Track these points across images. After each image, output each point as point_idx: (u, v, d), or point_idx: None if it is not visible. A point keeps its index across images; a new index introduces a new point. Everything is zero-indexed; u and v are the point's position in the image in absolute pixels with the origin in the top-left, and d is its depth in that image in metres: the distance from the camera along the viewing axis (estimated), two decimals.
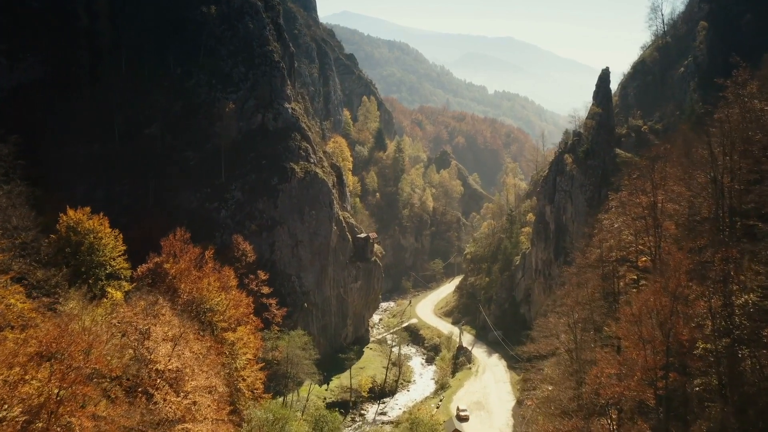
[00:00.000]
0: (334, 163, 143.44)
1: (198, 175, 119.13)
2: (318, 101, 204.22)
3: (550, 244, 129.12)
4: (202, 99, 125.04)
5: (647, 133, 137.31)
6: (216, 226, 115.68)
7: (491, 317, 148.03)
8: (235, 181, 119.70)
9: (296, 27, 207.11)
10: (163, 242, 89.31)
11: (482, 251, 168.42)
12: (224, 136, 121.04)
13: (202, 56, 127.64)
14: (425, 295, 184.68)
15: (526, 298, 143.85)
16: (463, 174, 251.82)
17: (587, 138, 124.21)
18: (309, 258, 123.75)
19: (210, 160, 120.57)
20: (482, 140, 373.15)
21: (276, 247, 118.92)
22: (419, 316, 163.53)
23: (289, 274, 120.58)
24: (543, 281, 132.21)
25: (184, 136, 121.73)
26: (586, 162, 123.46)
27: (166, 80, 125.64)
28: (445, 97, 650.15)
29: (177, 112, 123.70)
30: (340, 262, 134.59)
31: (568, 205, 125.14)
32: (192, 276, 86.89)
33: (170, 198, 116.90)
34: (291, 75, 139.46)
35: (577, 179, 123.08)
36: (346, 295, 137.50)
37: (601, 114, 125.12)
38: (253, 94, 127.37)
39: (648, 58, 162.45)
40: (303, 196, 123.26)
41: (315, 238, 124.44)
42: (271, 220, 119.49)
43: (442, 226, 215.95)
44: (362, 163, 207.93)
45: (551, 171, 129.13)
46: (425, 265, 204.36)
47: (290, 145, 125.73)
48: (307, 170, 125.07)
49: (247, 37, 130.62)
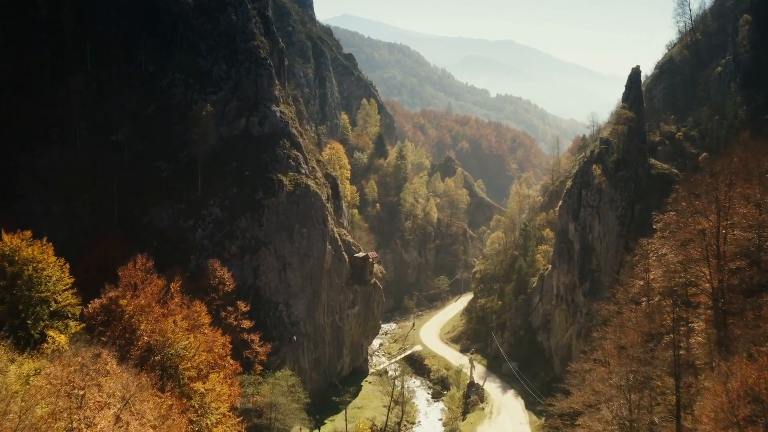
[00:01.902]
0: (328, 173, 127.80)
1: (171, 189, 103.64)
2: (313, 104, 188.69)
3: (574, 267, 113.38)
4: (177, 100, 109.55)
5: (682, 140, 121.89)
6: (191, 248, 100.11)
7: (505, 345, 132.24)
8: (213, 196, 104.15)
9: (290, 23, 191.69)
10: (122, 271, 74.49)
11: (493, 269, 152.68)
12: (202, 143, 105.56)
13: (178, 52, 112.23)
14: (430, 316, 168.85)
15: (544, 325, 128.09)
16: (469, 182, 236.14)
17: (617, 146, 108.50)
18: (299, 283, 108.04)
19: (185, 171, 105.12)
20: (487, 145, 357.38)
21: (260, 272, 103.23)
22: (424, 341, 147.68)
23: (276, 302, 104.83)
24: (566, 308, 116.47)
25: (155, 144, 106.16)
26: (616, 174, 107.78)
27: (137, 79, 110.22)
28: (446, 100, 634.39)
29: (148, 115, 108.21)
30: (336, 285, 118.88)
31: (595, 223, 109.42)
32: (154, 313, 72.13)
33: (138, 215, 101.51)
34: (280, 74, 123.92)
35: (606, 193, 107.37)
36: (342, 323, 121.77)
37: (633, 119, 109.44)
38: (236, 95, 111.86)
39: (677, 57, 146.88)
40: (292, 213, 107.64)
41: (306, 260, 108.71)
42: (255, 240, 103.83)
43: (447, 238, 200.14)
44: (361, 171, 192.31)
45: (575, 184, 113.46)
46: (429, 282, 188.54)
47: (278, 153, 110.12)
48: (298, 182, 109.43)
49: (230, 31, 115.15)
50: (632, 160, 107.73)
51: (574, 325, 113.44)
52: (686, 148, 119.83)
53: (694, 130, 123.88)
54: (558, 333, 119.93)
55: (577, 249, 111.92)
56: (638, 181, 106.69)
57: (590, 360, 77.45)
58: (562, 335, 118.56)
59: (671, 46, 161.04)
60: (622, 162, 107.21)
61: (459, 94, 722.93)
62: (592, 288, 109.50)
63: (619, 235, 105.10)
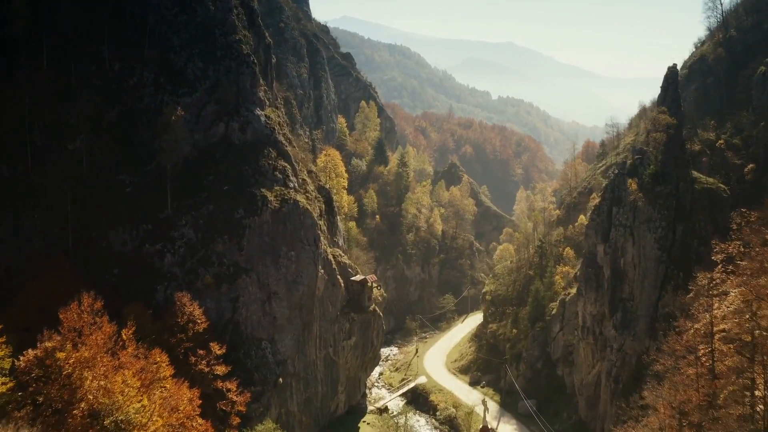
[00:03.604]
0: (321, 185, 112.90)
1: (135, 206, 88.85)
2: (307, 107, 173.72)
3: (603, 296, 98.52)
4: (145, 103, 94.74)
5: (723, 149, 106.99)
6: (157, 277, 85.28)
7: (520, 379, 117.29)
8: (185, 215, 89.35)
9: (282, 19, 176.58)
10: (63, 314, 59.79)
11: (505, 291, 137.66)
12: (173, 152, 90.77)
13: (147, 47, 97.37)
14: (434, 340, 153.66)
15: (565, 357, 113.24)
16: (475, 190, 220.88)
17: (655, 156, 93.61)
18: (286, 315, 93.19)
19: (152, 186, 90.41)
20: (491, 149, 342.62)
21: (240, 304, 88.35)
22: (428, 371, 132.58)
23: (259, 338, 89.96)
24: (592, 342, 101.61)
25: (118, 153, 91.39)
26: (653, 189, 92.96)
27: (100, 78, 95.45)
28: (448, 102, 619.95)
29: (111, 120, 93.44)
30: (329, 314, 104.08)
31: (628, 246, 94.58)
32: (102, 367, 57.57)
33: (96, 237, 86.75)
34: (267, 73, 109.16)
35: (642, 212, 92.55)
36: (337, 356, 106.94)
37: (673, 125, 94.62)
38: (214, 97, 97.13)
39: (709, 56, 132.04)
40: (278, 233, 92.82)
41: (294, 288, 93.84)
42: (235, 266, 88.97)
43: (452, 252, 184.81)
44: (359, 180, 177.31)
45: (604, 199, 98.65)
46: (433, 301, 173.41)
47: (262, 164, 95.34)
48: (285, 198, 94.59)
49: (208, 23, 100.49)
50: (672, 173, 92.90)
51: (604, 362, 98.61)
52: (729, 158, 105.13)
53: (735, 137, 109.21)
54: (583, 369, 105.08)
55: (606, 275, 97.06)
56: (680, 197, 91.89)
57: (640, 425, 63.08)
58: (588, 372, 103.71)
59: (699, 44, 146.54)
60: (660, 175, 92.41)
61: (460, 96, 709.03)
62: (624, 320, 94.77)
63: (658, 261, 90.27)
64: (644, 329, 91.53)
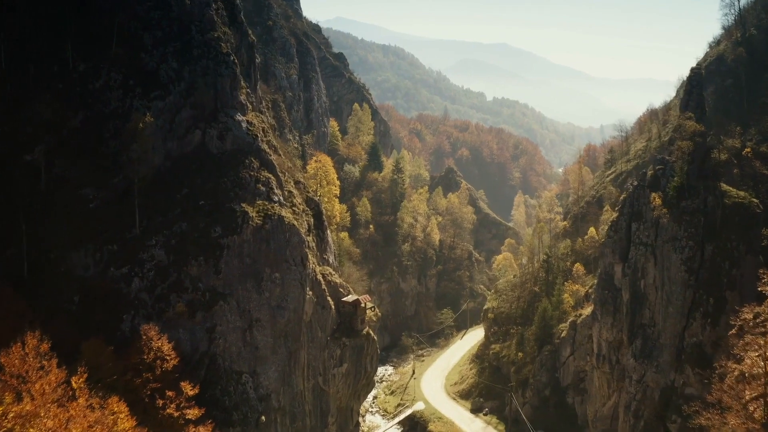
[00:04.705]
0: (310, 196, 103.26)
1: (100, 225, 78.95)
2: (297, 110, 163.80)
3: (620, 321, 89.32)
4: (112, 108, 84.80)
5: (750, 158, 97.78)
6: (123, 305, 75.38)
7: (527, 408, 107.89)
8: (156, 234, 79.49)
9: (270, 17, 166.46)
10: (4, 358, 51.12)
11: (508, 308, 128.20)
12: (143, 163, 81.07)
13: (115, 45, 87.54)
14: (433, 359, 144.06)
15: (576, 384, 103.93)
16: (473, 196, 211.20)
17: (680, 167, 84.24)
18: (270, 344, 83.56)
19: (119, 202, 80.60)
20: (488, 153, 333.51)
21: (218, 334, 78.57)
22: (426, 395, 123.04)
23: (239, 371, 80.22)
24: (608, 371, 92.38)
25: (82, 165, 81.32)
26: (679, 203, 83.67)
27: (62, 80, 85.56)
28: (442, 103, 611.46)
29: (74, 128, 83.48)
30: (318, 340, 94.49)
31: (649, 266, 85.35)
32: (49, 421, 48.86)
33: (56, 260, 76.82)
34: (250, 74, 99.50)
35: (666, 229, 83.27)
36: (327, 385, 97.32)
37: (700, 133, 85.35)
38: (189, 101, 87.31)
39: (728, 56, 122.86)
40: (261, 253, 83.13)
41: (279, 314, 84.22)
42: (211, 292, 79.17)
43: (450, 263, 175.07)
44: (352, 187, 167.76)
45: (623, 214, 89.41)
46: (430, 315, 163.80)
47: (243, 176, 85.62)
48: (268, 213, 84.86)
49: (183, 19, 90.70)
50: (699, 186, 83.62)
51: (621, 394, 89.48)
52: (757, 167, 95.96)
53: (762, 144, 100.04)
54: (597, 399, 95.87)
55: (625, 298, 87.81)
56: (708, 213, 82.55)
57: None
58: (603, 403, 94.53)
59: (714, 44, 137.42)
60: (686, 188, 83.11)
61: (455, 97, 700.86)
62: (645, 348, 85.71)
63: (684, 284, 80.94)
64: (669, 360, 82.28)
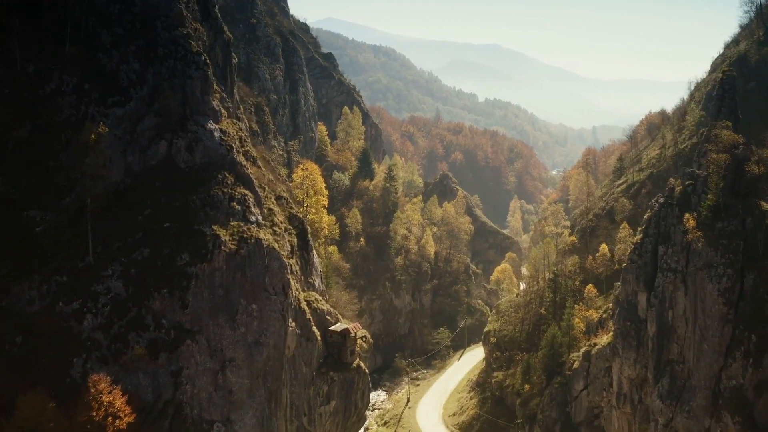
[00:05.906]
0: (294, 213, 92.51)
1: (48, 252, 67.84)
2: (282, 114, 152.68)
3: (645, 356, 79.05)
4: (64, 116, 73.66)
5: None
6: (73, 347, 64.41)
7: None
8: (112, 262, 68.41)
9: (254, 14, 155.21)
10: None
11: (511, 331, 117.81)
12: (97, 180, 70.04)
13: (69, 44, 76.42)
14: (429, 383, 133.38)
15: (590, 421, 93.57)
16: (469, 204, 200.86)
17: (715, 183, 73.96)
18: (246, 386, 72.76)
19: (70, 225, 69.49)
20: (483, 156, 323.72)
21: (185, 378, 67.63)
22: (422, 427, 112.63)
23: (210, 420, 69.35)
24: (630, 411, 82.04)
25: (28, 183, 70.15)
26: (714, 225, 73.43)
27: (7, 84, 74.29)
28: (434, 105, 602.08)
29: (20, 139, 72.16)
30: (303, 376, 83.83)
31: (678, 295, 75.11)
32: None
33: None
34: (226, 76, 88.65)
35: (699, 254, 73.00)
36: (313, 426, 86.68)
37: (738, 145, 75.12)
38: (153, 108, 76.21)
39: (752, 56, 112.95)
40: (235, 283, 72.28)
41: (257, 351, 73.45)
42: (177, 329, 68.25)
43: (446, 277, 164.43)
44: (342, 196, 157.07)
45: (647, 236, 79.08)
46: (425, 333, 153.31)
47: (215, 193, 74.75)
48: (244, 236, 74.04)
49: (147, 13, 79.63)
50: (737, 205, 73.39)
51: None
52: None
53: None
54: None
55: (651, 332, 77.50)
56: (748, 236, 72.31)
57: None
58: None
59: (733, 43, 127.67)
60: (722, 208, 72.86)
61: (447, 98, 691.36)
62: (673, 389, 75.46)
63: (722, 319, 70.58)
64: (703, 405, 71.96)
